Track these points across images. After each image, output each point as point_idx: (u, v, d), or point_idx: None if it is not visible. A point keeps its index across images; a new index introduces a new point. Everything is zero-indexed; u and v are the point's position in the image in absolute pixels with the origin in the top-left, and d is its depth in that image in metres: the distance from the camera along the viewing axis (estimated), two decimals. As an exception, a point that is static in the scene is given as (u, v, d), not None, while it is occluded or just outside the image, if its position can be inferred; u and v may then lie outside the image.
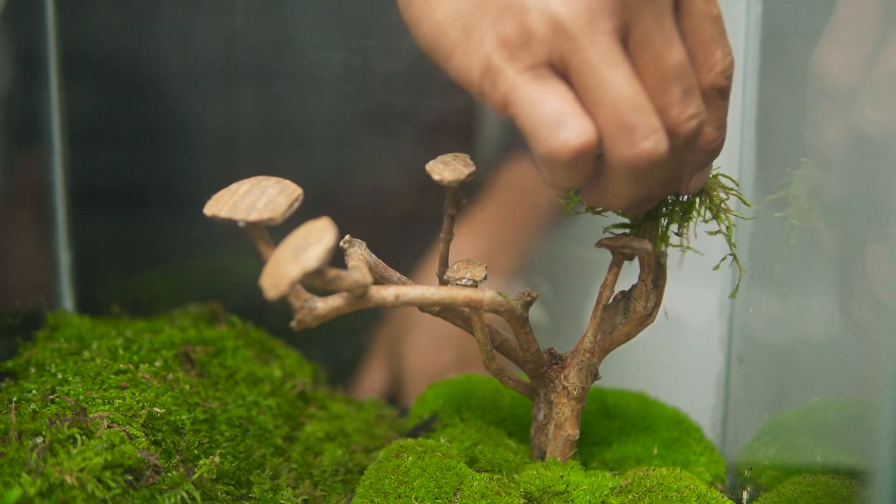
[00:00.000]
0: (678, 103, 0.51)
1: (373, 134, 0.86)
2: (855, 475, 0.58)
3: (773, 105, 0.70)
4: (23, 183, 0.76)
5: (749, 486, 0.67)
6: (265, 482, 0.63)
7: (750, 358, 0.73)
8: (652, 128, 0.50)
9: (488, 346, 0.60)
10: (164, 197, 0.85)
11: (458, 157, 0.59)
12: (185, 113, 0.83)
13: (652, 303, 0.60)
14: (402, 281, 0.61)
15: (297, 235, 0.49)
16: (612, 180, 0.52)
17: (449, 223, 0.61)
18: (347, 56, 0.81)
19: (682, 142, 0.52)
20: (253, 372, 0.70)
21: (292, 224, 0.51)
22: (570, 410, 0.62)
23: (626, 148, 0.50)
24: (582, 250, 0.87)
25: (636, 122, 0.50)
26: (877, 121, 0.53)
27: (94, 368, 0.63)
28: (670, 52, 0.51)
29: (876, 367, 0.48)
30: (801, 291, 0.68)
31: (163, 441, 0.59)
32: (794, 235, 0.62)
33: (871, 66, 0.54)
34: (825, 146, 0.57)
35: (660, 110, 0.51)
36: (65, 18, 0.77)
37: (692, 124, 0.52)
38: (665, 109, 0.51)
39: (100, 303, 0.80)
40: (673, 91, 0.51)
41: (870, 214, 0.56)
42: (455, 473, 0.59)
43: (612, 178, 0.52)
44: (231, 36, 0.81)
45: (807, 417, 0.67)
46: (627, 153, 0.50)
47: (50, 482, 0.52)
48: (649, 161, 0.50)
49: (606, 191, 0.53)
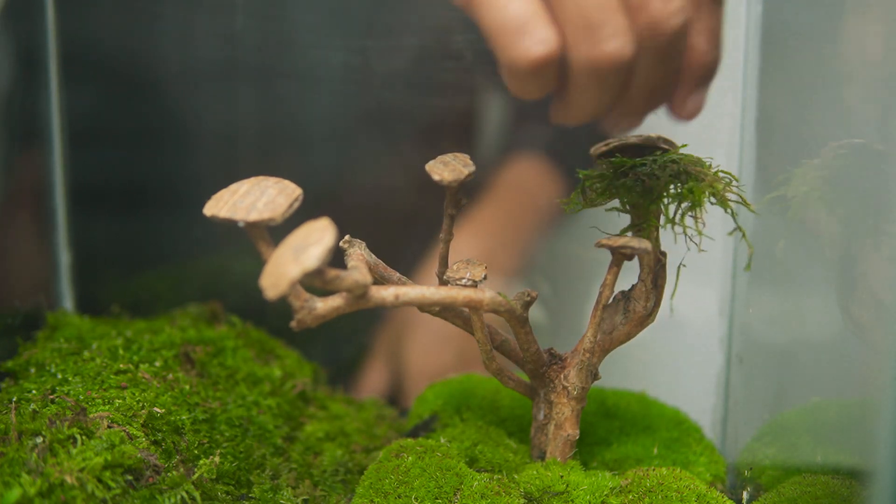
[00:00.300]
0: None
1: (373, 134, 0.86)
2: (855, 475, 0.58)
3: (773, 105, 0.70)
4: (23, 183, 0.76)
5: (749, 486, 0.67)
6: (265, 482, 0.63)
7: (750, 358, 0.73)
8: (618, 28, 0.47)
9: (488, 346, 0.60)
10: (164, 197, 0.85)
11: (457, 158, 0.59)
12: (185, 113, 0.83)
13: (652, 303, 0.60)
14: (401, 281, 0.61)
15: (297, 235, 0.49)
16: (576, 87, 0.49)
17: (449, 223, 0.61)
18: (347, 56, 0.81)
19: (666, 42, 0.49)
20: (253, 372, 0.70)
21: (292, 224, 0.51)
22: (570, 410, 0.62)
23: (589, 48, 0.47)
24: (582, 250, 0.87)
25: (601, 20, 0.47)
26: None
27: (94, 368, 0.63)
28: None
29: (876, 367, 0.48)
30: (801, 291, 0.68)
31: (163, 441, 0.59)
32: (791, 232, 0.62)
33: None
34: (861, 125, 0.54)
35: (639, 5, 0.48)
36: (65, 18, 0.77)
37: (675, 20, 0.48)
38: (645, 4, 0.48)
39: (100, 303, 0.81)
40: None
41: (870, 214, 0.56)
42: (455, 473, 0.59)
43: (576, 85, 0.49)
44: (231, 36, 0.81)
45: (807, 417, 0.67)
46: (589, 54, 0.48)
47: (50, 482, 0.52)
48: (613, 63, 0.48)
49: (572, 101, 0.50)
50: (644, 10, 0.48)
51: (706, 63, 0.51)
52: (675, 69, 0.51)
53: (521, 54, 0.47)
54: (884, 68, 0.54)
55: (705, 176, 0.57)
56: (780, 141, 0.70)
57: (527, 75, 0.48)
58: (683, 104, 0.53)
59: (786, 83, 0.68)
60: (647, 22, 0.48)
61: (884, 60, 0.54)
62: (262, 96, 0.84)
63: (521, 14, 0.47)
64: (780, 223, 0.62)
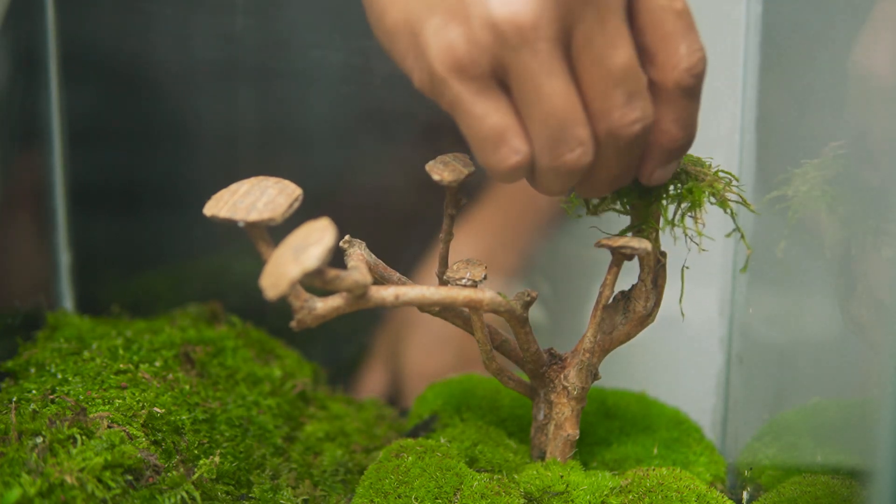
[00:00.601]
0: (620, 107, 0.51)
1: (373, 134, 0.86)
2: (855, 475, 0.58)
3: (773, 105, 0.70)
4: (23, 183, 0.76)
5: (749, 486, 0.67)
6: (265, 482, 0.63)
7: (750, 358, 0.73)
8: (578, 140, 0.51)
9: (488, 346, 0.60)
10: (164, 197, 0.85)
11: (457, 157, 0.59)
12: (185, 113, 0.83)
13: (652, 303, 0.60)
14: (401, 281, 0.61)
15: (297, 235, 0.49)
16: (541, 178, 0.53)
17: (449, 223, 0.61)
18: (347, 56, 0.81)
19: (625, 144, 0.52)
20: (253, 372, 0.70)
21: (292, 224, 0.51)
22: (570, 410, 0.62)
23: (551, 159, 0.52)
24: (582, 250, 0.87)
25: (563, 136, 0.51)
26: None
27: (94, 368, 0.63)
28: (614, 53, 0.50)
29: (876, 367, 0.48)
30: (801, 291, 0.68)
31: (163, 441, 0.59)
32: (791, 232, 0.62)
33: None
34: (871, 144, 0.56)
35: (600, 114, 0.51)
36: (65, 18, 0.77)
37: (634, 129, 0.51)
38: (606, 113, 0.51)
39: (100, 303, 0.80)
40: (615, 95, 0.51)
41: (870, 214, 0.56)
42: (455, 473, 0.59)
43: (541, 176, 0.53)
44: (231, 36, 0.81)
45: (807, 417, 0.67)
46: (551, 163, 0.52)
47: (50, 482, 0.52)
48: (571, 170, 0.52)
49: (538, 184, 0.54)
50: (604, 120, 0.51)
51: (677, 145, 0.54)
52: (640, 155, 0.54)
53: (498, 162, 0.52)
54: (884, 68, 0.54)
55: (705, 176, 0.57)
56: (780, 141, 0.70)
57: (502, 177, 0.53)
58: (650, 175, 0.55)
59: (786, 83, 0.68)
60: (607, 130, 0.52)
61: (884, 60, 0.54)
62: (262, 96, 0.84)
63: (497, 125, 0.51)
64: (780, 223, 0.62)
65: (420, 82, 0.53)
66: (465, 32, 0.50)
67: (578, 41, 0.50)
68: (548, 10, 0.49)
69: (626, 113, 0.51)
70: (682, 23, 0.51)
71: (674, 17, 0.51)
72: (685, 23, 0.51)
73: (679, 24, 0.51)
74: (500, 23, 0.49)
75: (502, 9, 0.49)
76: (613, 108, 0.51)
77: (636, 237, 0.58)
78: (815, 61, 0.64)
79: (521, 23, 0.49)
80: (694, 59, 0.52)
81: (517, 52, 0.49)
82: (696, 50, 0.52)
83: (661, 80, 0.52)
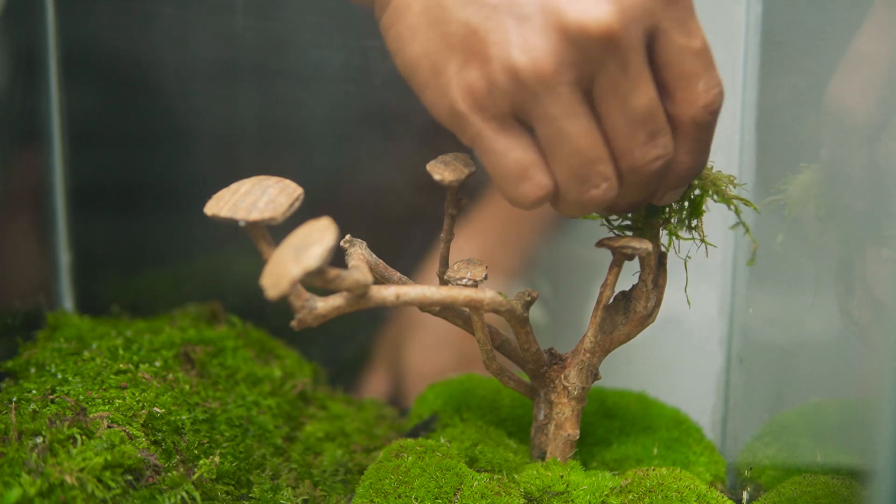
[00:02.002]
0: (642, 146, 0.52)
1: (373, 134, 0.86)
2: (855, 475, 0.58)
3: (773, 105, 0.70)
4: (23, 183, 0.76)
5: (749, 486, 0.67)
6: (265, 482, 0.63)
7: (750, 358, 0.73)
8: (603, 177, 0.52)
9: (488, 346, 0.60)
10: (165, 197, 0.85)
11: (458, 157, 0.59)
12: (185, 113, 0.83)
13: (652, 303, 0.60)
14: (402, 281, 0.61)
15: (298, 235, 0.49)
16: (565, 208, 0.54)
17: (449, 223, 0.61)
18: (347, 56, 0.81)
19: (647, 179, 0.53)
20: (253, 372, 0.70)
21: (293, 224, 0.51)
22: (571, 410, 0.62)
23: (577, 195, 0.53)
24: (582, 250, 0.87)
25: (589, 174, 0.52)
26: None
27: (94, 368, 0.63)
28: (635, 96, 0.51)
29: (876, 367, 0.48)
30: (801, 291, 0.68)
31: (163, 441, 0.59)
32: (789, 233, 0.62)
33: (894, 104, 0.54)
34: (846, 178, 0.57)
35: (623, 152, 0.52)
36: (65, 18, 0.77)
37: (656, 165, 0.52)
38: (628, 152, 0.52)
39: (100, 303, 0.80)
40: (638, 135, 0.51)
41: (870, 214, 0.56)
42: (455, 473, 0.59)
43: (565, 207, 0.54)
44: (231, 36, 0.81)
45: (807, 417, 0.67)
46: (577, 199, 0.53)
47: (50, 482, 0.52)
48: (596, 203, 0.53)
49: (560, 208, 0.55)
50: (627, 158, 0.52)
51: (690, 173, 0.55)
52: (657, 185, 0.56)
53: (521, 195, 0.53)
54: (884, 68, 0.54)
55: (706, 176, 0.58)
56: (780, 142, 0.70)
57: (525, 208, 0.54)
58: (661, 200, 0.57)
59: (786, 83, 0.68)
60: (629, 167, 0.53)
61: (884, 60, 0.54)
62: (262, 96, 0.84)
63: (520, 161, 0.52)
64: (781, 223, 0.62)
65: (440, 116, 0.54)
66: (486, 75, 0.51)
67: (600, 86, 0.51)
68: (568, 58, 0.49)
69: (649, 151, 0.52)
70: (701, 61, 0.52)
71: (692, 57, 0.52)
72: (703, 61, 0.52)
73: (697, 62, 0.52)
74: (521, 70, 0.50)
75: (523, 57, 0.49)
76: (636, 147, 0.52)
77: (637, 237, 0.58)
78: (816, 62, 0.64)
79: (542, 71, 0.49)
80: (711, 96, 0.52)
81: (538, 97, 0.50)
82: (713, 87, 0.52)
83: (679, 115, 0.53)
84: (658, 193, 0.56)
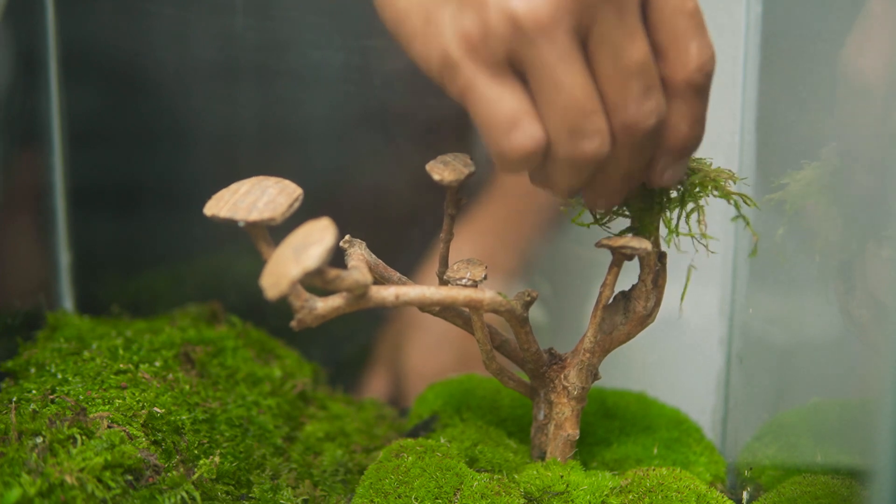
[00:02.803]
0: (636, 99, 0.51)
1: (373, 134, 0.86)
2: (855, 475, 0.58)
3: (773, 105, 0.70)
4: (23, 183, 0.76)
5: (749, 486, 0.67)
6: (265, 482, 0.63)
7: (750, 358, 0.73)
8: (596, 129, 0.51)
9: (488, 346, 0.60)
10: (164, 197, 0.85)
11: (457, 157, 0.59)
12: (185, 113, 0.83)
13: (652, 303, 0.60)
14: (402, 281, 0.61)
15: (298, 235, 0.49)
16: (555, 172, 0.53)
17: (449, 223, 0.61)
18: (347, 56, 0.81)
19: (640, 138, 0.52)
20: (253, 372, 0.70)
21: (292, 224, 0.51)
22: (571, 410, 0.62)
23: (569, 148, 0.52)
24: (582, 250, 0.87)
25: (582, 126, 0.51)
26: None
27: (94, 368, 0.63)
28: (630, 48, 0.51)
29: (876, 367, 0.48)
30: (801, 291, 0.68)
31: (163, 441, 0.59)
32: (789, 233, 0.62)
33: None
34: (854, 142, 0.56)
35: (616, 107, 0.52)
36: (65, 18, 0.77)
37: (650, 121, 0.52)
38: (621, 106, 0.51)
39: (100, 303, 0.80)
40: (630, 88, 0.51)
41: (870, 214, 0.56)
42: (455, 473, 0.59)
43: (555, 170, 0.53)
44: (231, 36, 0.81)
45: (807, 417, 0.67)
46: (569, 152, 0.52)
47: (50, 482, 0.52)
48: (589, 160, 0.52)
49: (550, 179, 0.54)
50: (620, 112, 0.52)
51: (687, 143, 0.55)
52: (652, 154, 0.55)
53: (512, 147, 0.51)
54: (884, 67, 0.54)
55: (706, 171, 0.58)
56: (780, 141, 0.70)
57: (514, 163, 0.52)
58: (661, 176, 0.56)
59: (786, 83, 0.68)
60: (622, 122, 0.52)
61: (884, 60, 0.54)
62: (262, 96, 0.84)
63: (512, 109, 0.51)
64: (781, 223, 0.62)
65: (427, 67, 0.53)
66: (483, 20, 0.50)
67: (596, 36, 0.50)
68: (566, 4, 0.49)
69: (642, 105, 0.52)
70: (694, 22, 0.52)
71: (685, 17, 0.52)
72: (696, 22, 0.52)
73: (690, 23, 0.52)
74: (519, 15, 0.49)
75: (521, 2, 0.49)
76: (629, 101, 0.51)
77: (636, 237, 0.58)
78: (815, 61, 0.64)
79: (540, 16, 0.49)
80: (704, 57, 0.52)
81: (535, 43, 0.50)
82: (706, 49, 0.53)
83: (672, 77, 0.53)
84: (656, 169, 0.55)
